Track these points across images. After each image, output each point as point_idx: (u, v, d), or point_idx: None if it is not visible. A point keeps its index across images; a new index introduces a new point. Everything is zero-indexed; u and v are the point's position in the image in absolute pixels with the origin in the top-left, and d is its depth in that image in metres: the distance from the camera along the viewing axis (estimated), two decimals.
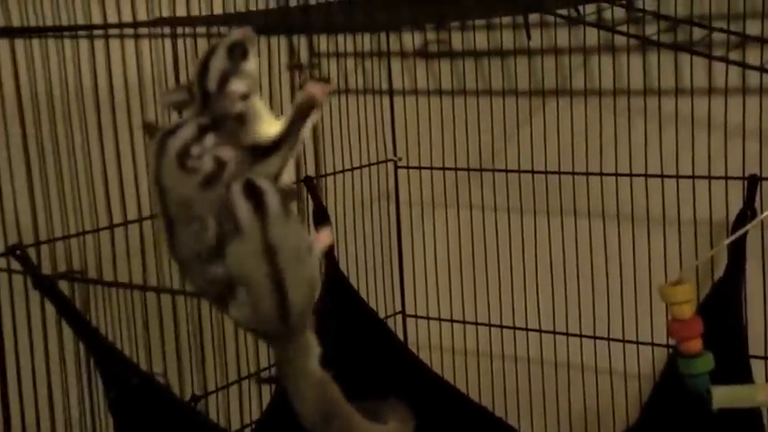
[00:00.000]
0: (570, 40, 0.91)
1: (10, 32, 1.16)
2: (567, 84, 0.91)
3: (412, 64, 0.94)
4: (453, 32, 0.91)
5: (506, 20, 0.94)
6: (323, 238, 0.99)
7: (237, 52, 0.90)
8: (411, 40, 0.94)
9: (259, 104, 0.92)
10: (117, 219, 1.26)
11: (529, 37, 0.96)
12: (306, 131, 0.92)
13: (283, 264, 0.90)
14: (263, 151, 0.91)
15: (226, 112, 0.89)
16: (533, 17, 1.03)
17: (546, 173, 1.66)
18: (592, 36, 1.34)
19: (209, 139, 0.89)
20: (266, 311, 0.90)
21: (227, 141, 0.89)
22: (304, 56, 1.06)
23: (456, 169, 1.75)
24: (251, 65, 0.91)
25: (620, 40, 1.22)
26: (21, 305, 1.20)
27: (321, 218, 1.54)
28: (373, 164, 1.75)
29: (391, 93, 1.48)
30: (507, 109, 1.59)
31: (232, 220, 0.88)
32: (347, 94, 1.06)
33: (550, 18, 1.03)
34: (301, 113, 0.92)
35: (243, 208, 0.88)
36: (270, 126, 0.92)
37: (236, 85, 0.89)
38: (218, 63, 0.90)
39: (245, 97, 0.90)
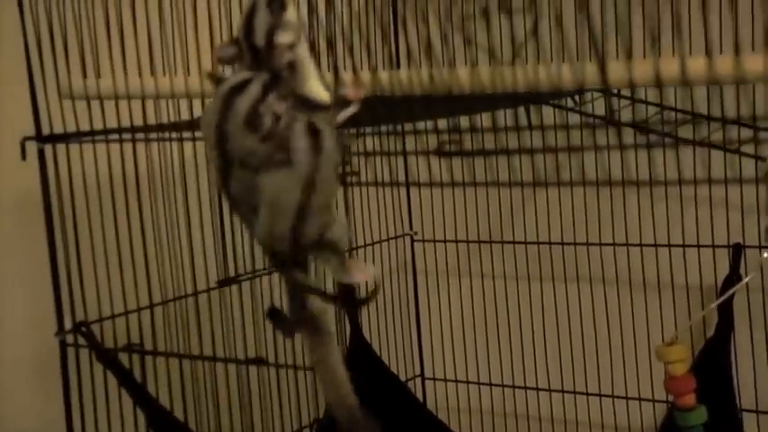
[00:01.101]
0: (568, 134, 1.06)
1: (64, 137, 1.33)
2: (566, 171, 1.07)
3: (429, 161, 1.09)
4: (465, 134, 1.07)
5: (510, 122, 1.09)
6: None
7: (276, 5, 0.93)
8: (428, 141, 1.10)
9: (304, 52, 0.96)
10: (170, 294, 1.41)
11: (530, 125, 1.11)
12: (341, 117, 0.99)
13: (314, 200, 0.93)
14: (313, 105, 0.95)
15: (278, 65, 0.93)
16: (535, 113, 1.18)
17: (550, 244, 1.82)
18: (589, 126, 1.51)
19: (272, 97, 0.92)
20: (281, 233, 0.95)
21: (283, 93, 0.93)
22: None
23: (468, 242, 1.91)
24: (291, 15, 0.94)
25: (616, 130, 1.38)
26: (86, 377, 1.34)
27: (346, 290, 1.68)
28: (392, 238, 1.92)
29: (408, 184, 1.64)
30: (513, 192, 1.76)
31: (286, 151, 0.91)
32: (367, 185, 1.21)
33: (548, 116, 1.18)
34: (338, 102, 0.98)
35: (302, 143, 0.92)
36: (316, 77, 0.96)
37: (283, 37, 0.93)
38: (261, 18, 0.93)
39: (292, 47, 0.93)
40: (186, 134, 1.27)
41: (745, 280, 1.50)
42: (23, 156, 1.27)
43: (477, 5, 0.94)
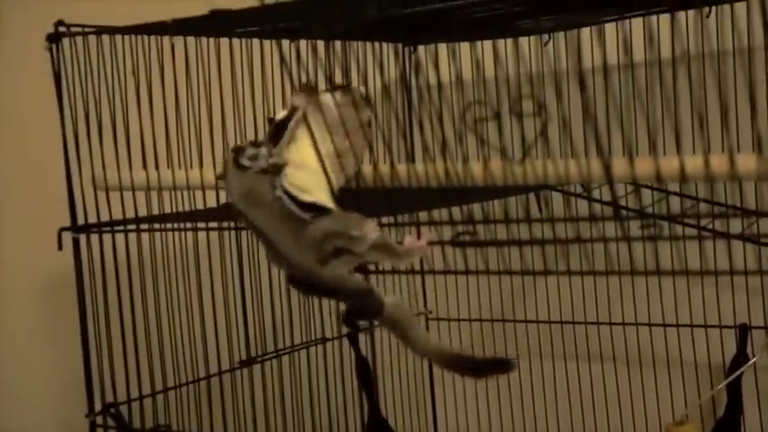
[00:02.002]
0: (576, 225, 1.12)
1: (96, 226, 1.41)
2: (575, 257, 1.13)
3: (443, 250, 1.16)
4: (478, 225, 1.13)
5: (521, 214, 1.16)
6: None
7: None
8: (446, 232, 1.16)
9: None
10: (197, 375, 1.46)
11: (541, 214, 1.17)
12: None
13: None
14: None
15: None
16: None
17: (561, 323, 1.86)
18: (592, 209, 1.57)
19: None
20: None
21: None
22: None
23: (482, 320, 1.96)
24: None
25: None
26: None
27: (364, 370, 1.73)
28: None
29: (423, 272, 1.70)
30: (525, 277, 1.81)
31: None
32: (384, 273, 1.27)
33: (558, 204, 1.24)
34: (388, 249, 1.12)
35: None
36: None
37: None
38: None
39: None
40: (213, 223, 1.34)
41: (752, 360, 1.55)
42: (60, 246, 1.34)
43: (490, 109, 1.01)
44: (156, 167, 1.35)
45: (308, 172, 1.14)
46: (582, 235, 1.13)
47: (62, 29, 1.35)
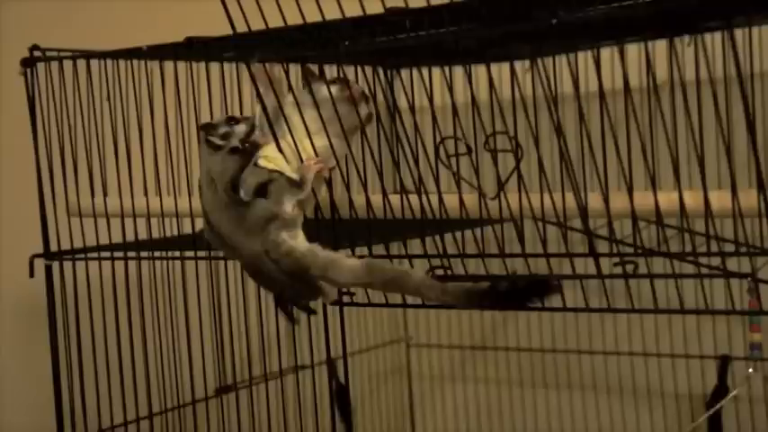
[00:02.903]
0: (548, 261, 1.11)
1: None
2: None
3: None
4: (453, 260, 1.12)
5: (494, 249, 1.14)
6: None
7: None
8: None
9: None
10: (170, 404, 1.44)
11: (523, 245, 1.15)
12: None
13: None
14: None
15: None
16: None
17: (543, 351, 1.85)
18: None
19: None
20: None
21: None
22: None
23: (462, 347, 1.94)
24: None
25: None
26: None
27: (342, 397, 1.71)
28: (387, 343, 1.95)
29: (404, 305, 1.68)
30: None
31: None
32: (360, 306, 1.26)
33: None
34: None
35: None
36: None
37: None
38: None
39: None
40: (188, 252, 1.32)
41: (732, 393, 1.54)
42: (31, 273, 1.33)
43: (462, 147, 1.00)
44: (131, 194, 1.34)
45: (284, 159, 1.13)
46: (558, 270, 1.12)
47: (37, 53, 1.34)
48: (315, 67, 1.14)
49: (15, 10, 2.07)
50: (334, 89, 1.11)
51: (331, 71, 1.16)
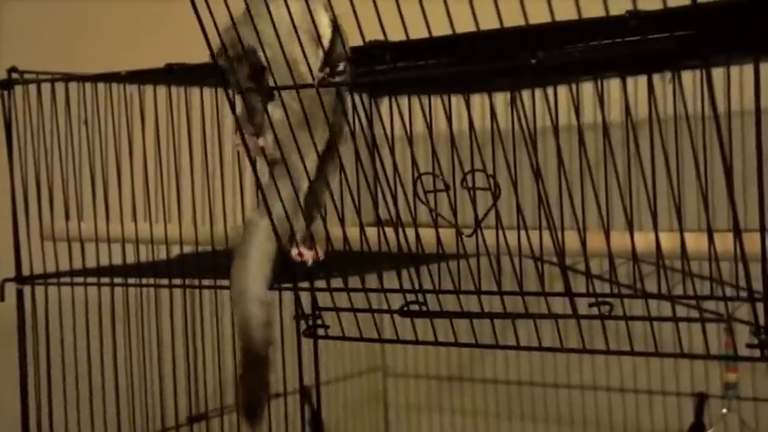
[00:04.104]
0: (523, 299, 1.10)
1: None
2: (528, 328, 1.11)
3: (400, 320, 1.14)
4: (430, 295, 1.11)
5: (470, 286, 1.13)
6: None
7: None
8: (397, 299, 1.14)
9: None
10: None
11: (499, 285, 1.14)
12: None
13: None
14: None
15: None
16: None
17: (520, 384, 1.84)
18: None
19: None
20: None
21: None
22: (307, 308, 1.26)
23: (440, 378, 1.93)
24: None
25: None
26: None
27: (317, 425, 1.70)
28: (364, 372, 1.94)
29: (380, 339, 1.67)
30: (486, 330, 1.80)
31: None
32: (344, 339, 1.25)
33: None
34: None
35: None
36: None
37: None
38: None
39: None
40: (163, 280, 1.31)
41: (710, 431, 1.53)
42: (1, 297, 1.31)
43: (441, 182, 1.00)
44: (107, 219, 1.33)
45: None
46: (535, 307, 1.11)
47: (15, 75, 1.33)
48: None
49: None
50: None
51: None
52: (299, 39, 1.02)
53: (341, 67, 1.03)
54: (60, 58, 1.47)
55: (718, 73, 1.34)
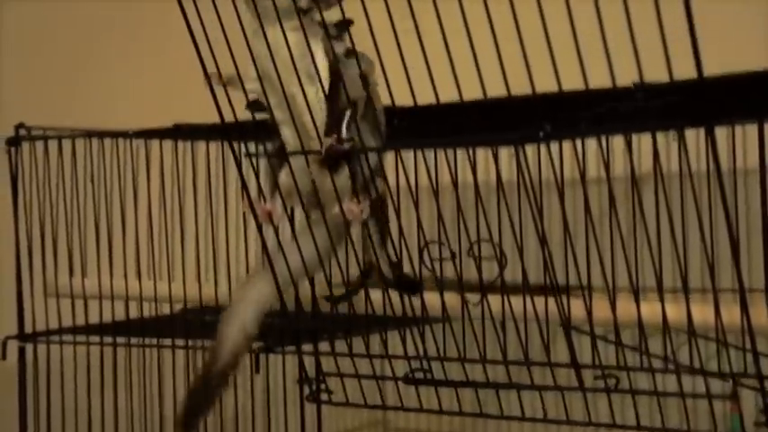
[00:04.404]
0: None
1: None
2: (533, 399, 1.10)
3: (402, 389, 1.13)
4: (435, 362, 1.11)
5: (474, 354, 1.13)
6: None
7: None
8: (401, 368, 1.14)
9: None
10: None
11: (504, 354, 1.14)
12: None
13: None
14: None
15: None
16: None
17: None
18: None
19: None
20: None
21: None
22: (311, 371, 1.25)
23: None
24: None
25: None
26: None
27: None
28: (365, 426, 1.92)
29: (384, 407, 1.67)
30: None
31: None
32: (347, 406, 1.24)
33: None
34: None
35: None
36: None
37: None
38: None
39: None
40: (166, 340, 1.30)
41: None
42: (4, 355, 1.30)
43: (446, 251, 1.00)
44: (110, 275, 1.33)
45: None
46: (540, 378, 1.10)
47: (23, 132, 1.33)
48: None
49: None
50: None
51: None
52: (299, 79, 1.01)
53: (345, 133, 1.03)
54: (65, 111, 1.48)
55: (721, 131, 1.36)
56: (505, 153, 1.11)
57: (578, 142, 0.94)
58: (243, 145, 1.12)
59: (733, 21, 1.61)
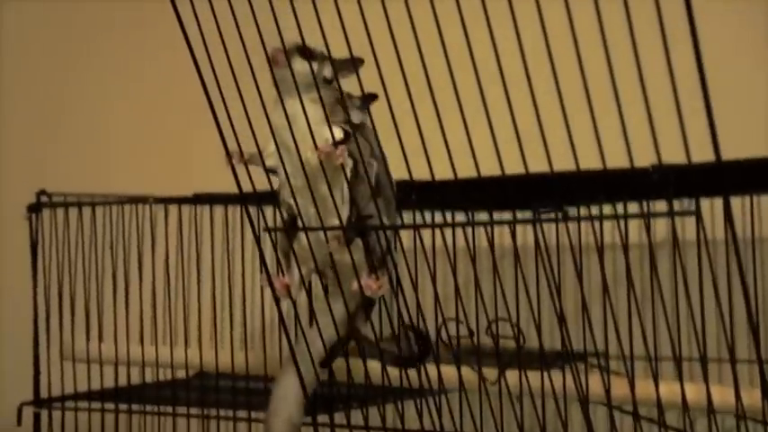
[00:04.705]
0: None
1: None
2: None
3: None
4: None
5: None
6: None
7: None
8: None
9: None
10: None
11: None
12: None
13: None
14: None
15: None
16: None
17: None
18: None
19: None
20: None
21: None
22: None
23: None
24: None
25: None
26: None
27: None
28: None
29: None
30: None
31: None
32: None
33: None
34: None
35: None
36: None
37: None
38: None
39: None
40: (181, 408, 1.30)
41: None
42: (19, 421, 1.30)
43: (463, 328, 1.00)
44: (127, 341, 1.33)
45: None
46: None
47: (44, 198, 1.35)
48: None
49: (19, 152, 2.11)
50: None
51: None
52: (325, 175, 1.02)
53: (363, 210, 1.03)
54: (83, 178, 1.49)
55: (737, 201, 1.36)
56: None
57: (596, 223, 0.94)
58: (261, 215, 1.12)
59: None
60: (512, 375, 1.05)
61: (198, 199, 1.26)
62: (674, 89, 0.78)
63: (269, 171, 1.06)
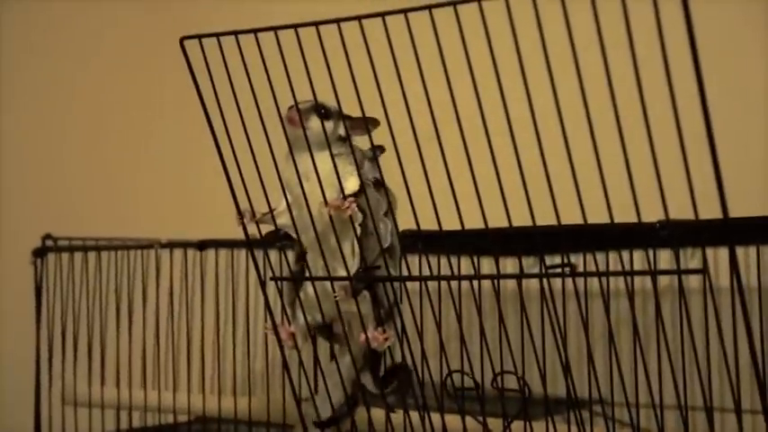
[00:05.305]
0: None
1: None
2: None
3: None
4: None
5: None
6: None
7: None
8: None
9: None
10: None
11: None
12: None
13: None
14: None
15: None
16: None
17: None
18: None
19: None
20: None
21: None
22: None
23: None
24: None
25: None
26: None
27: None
28: None
29: None
30: None
31: None
32: None
33: None
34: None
35: None
36: None
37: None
38: None
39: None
40: None
41: None
42: None
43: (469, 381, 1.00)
44: (129, 385, 1.33)
45: None
46: None
47: (49, 243, 1.35)
48: None
49: (24, 194, 2.12)
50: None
51: None
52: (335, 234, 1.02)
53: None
54: (89, 220, 1.50)
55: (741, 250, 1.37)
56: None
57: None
58: (268, 264, 1.13)
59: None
60: (516, 426, 1.05)
61: (203, 245, 1.26)
62: (683, 148, 0.79)
63: (279, 230, 1.06)
